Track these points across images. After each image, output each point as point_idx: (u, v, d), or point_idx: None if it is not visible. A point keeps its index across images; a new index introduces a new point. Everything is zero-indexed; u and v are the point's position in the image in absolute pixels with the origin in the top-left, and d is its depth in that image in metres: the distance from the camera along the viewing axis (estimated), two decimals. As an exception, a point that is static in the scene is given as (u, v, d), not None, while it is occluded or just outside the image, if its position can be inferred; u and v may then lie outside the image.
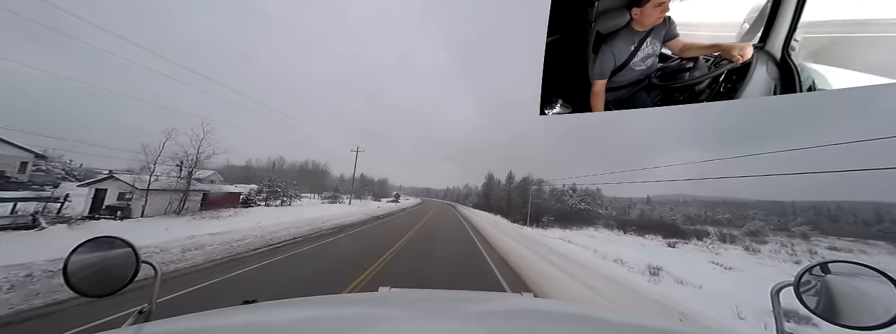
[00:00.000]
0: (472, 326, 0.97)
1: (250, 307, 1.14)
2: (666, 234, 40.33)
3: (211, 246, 9.99)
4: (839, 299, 0.86)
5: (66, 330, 3.99)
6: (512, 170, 67.61)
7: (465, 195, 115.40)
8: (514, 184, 63.08)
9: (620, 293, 7.43)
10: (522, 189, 56.58)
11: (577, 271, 9.51)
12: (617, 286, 8.04)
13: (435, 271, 8.37)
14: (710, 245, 35.16)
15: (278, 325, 0.93)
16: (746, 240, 41.28)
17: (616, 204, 70.81)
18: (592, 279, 8.53)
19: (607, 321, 1.16)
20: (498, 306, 1.39)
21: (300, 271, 7.60)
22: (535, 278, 8.26)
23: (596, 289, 7.48)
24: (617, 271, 10.73)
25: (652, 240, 37.60)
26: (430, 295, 1.60)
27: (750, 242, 38.61)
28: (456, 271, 8.66)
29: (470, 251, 12.44)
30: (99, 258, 1.02)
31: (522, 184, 58.47)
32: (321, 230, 15.60)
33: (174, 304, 5.11)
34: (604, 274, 9.47)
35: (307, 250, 10.41)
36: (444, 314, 1.17)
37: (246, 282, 6.53)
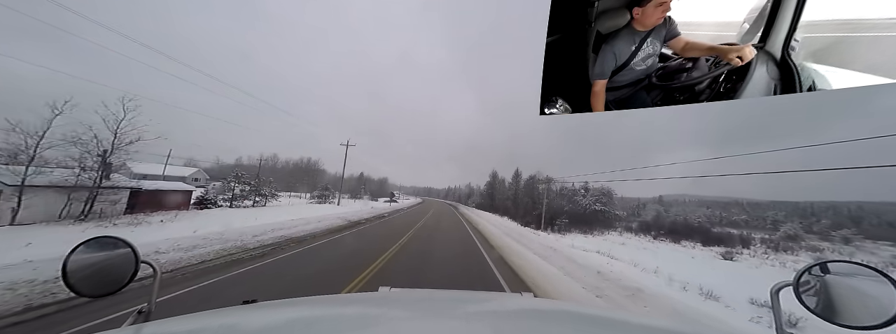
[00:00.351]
0: (472, 326, 0.97)
1: (250, 307, 1.14)
2: (704, 241, 36.28)
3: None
4: (838, 299, 0.86)
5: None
6: (518, 168, 62.26)
7: (467, 195, 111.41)
8: (521, 183, 57.75)
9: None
10: (530, 188, 52.87)
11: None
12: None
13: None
14: (767, 255, 28.87)
15: (278, 325, 0.93)
16: (800, 248, 35.68)
17: (625, 204, 67.14)
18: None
19: (607, 320, 1.16)
20: (498, 306, 1.39)
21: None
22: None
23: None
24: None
25: (692, 248, 32.21)
26: (430, 295, 1.60)
27: (805, 252, 33.14)
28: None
29: (482, 272, 8.66)
30: (98, 258, 1.02)
31: (530, 183, 53.98)
32: (247, 247, 9.98)
33: None
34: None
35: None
36: (443, 314, 1.17)
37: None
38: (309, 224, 17.49)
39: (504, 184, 67.69)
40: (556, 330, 0.95)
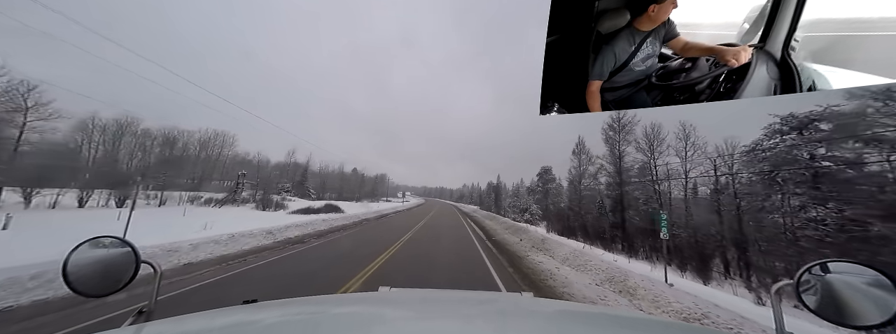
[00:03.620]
0: (471, 326, 0.97)
1: (250, 307, 1.14)
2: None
3: None
4: (839, 298, 0.86)
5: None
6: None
7: (484, 196, 74.74)
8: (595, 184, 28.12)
9: None
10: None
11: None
12: None
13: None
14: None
15: (278, 325, 0.94)
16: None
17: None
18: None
19: (607, 320, 1.16)
20: (498, 306, 1.39)
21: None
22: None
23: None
24: None
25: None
26: (430, 295, 1.60)
27: None
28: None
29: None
30: (98, 258, 1.02)
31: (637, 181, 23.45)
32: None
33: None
34: None
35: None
36: (443, 314, 1.17)
37: None
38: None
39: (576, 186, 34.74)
40: (557, 330, 0.95)
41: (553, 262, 12.10)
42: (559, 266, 11.49)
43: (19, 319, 4.76)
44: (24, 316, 4.85)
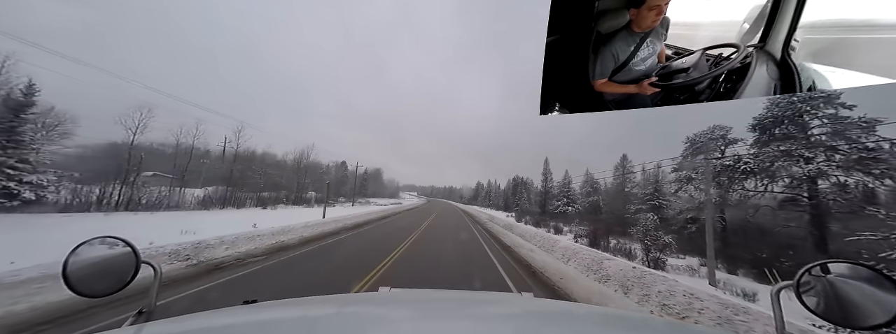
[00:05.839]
0: (472, 326, 0.97)
1: (250, 307, 1.14)
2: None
3: None
4: (839, 299, 0.86)
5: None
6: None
7: (503, 197, 65.44)
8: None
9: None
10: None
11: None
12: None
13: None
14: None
15: (278, 325, 0.94)
16: None
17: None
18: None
19: (607, 320, 1.16)
20: (498, 306, 1.39)
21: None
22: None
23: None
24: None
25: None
26: (431, 296, 1.60)
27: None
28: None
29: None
30: (98, 258, 1.02)
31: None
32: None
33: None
34: None
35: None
36: (444, 314, 1.17)
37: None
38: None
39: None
40: (557, 330, 0.95)
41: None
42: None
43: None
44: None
